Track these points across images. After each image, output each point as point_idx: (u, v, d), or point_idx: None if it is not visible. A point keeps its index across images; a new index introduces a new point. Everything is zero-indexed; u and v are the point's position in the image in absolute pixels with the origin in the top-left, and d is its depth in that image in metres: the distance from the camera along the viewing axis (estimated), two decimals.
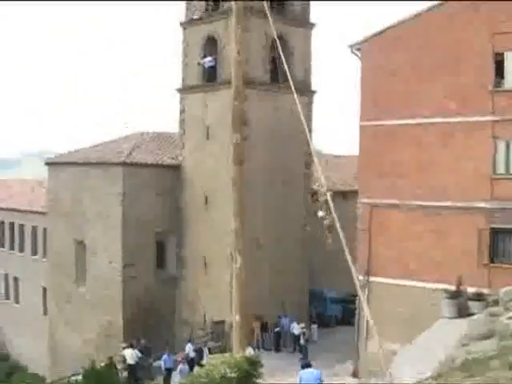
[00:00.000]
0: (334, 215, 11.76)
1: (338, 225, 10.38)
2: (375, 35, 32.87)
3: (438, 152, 30.16)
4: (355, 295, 33.75)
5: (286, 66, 16.62)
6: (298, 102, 13.48)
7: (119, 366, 33.88)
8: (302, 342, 36.77)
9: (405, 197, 30.77)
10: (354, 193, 35.22)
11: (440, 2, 30.86)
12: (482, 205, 28.75)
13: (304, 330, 37.29)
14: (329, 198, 13.13)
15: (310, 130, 42.06)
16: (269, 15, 17.34)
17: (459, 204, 29.35)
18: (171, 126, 45.22)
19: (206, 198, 40.57)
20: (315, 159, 11.42)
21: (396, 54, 32.08)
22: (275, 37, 18.03)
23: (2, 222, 58.29)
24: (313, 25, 42.33)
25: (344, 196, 42.47)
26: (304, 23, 41.78)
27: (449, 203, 29.55)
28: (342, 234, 11.76)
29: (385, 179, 31.29)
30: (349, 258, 11.87)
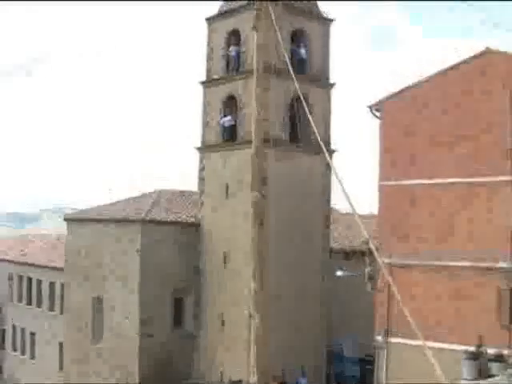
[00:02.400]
0: (380, 262, 11.66)
1: (385, 271, 10.22)
2: (394, 95, 33.17)
3: (457, 212, 30.14)
4: (372, 355, 33.47)
5: (313, 125, 16.61)
6: (330, 160, 13.42)
7: None
8: None
9: (424, 257, 30.65)
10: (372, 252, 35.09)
11: (457, 62, 31.17)
12: (503, 265, 28.59)
13: None
14: (372, 247, 13.10)
15: (330, 189, 42.17)
16: (292, 74, 17.48)
17: (479, 264, 29.20)
18: (191, 184, 45.41)
19: (225, 256, 40.50)
20: (355, 214, 11.38)
21: (415, 114, 32.30)
22: (301, 96, 18.06)
23: (20, 277, 58.39)
24: (332, 84, 42.64)
25: (363, 255, 42.27)
26: (323, 83, 42.12)
27: (469, 263, 29.41)
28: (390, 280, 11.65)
29: (404, 239, 31.24)
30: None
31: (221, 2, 43.16)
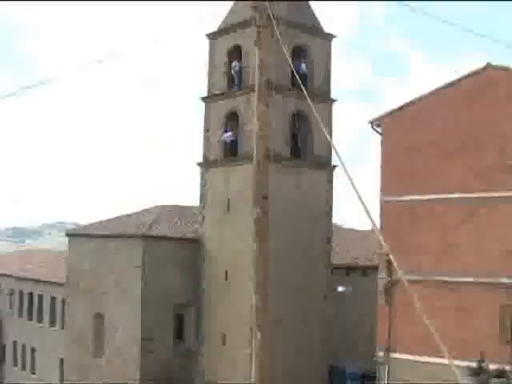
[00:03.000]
0: (401, 275, 11.48)
1: (405, 282, 10.12)
2: (395, 111, 33.19)
3: (460, 228, 30.11)
4: (374, 371, 33.35)
5: (327, 136, 16.67)
6: (346, 171, 13.44)
7: None
8: None
9: (427, 272, 30.59)
10: (375, 268, 35.08)
11: (458, 78, 31.24)
12: (505, 280, 28.55)
13: None
14: (392, 259, 13.01)
15: (331, 205, 42.14)
16: (304, 92, 17.55)
17: (482, 280, 29.15)
18: (192, 199, 45.46)
19: (227, 273, 40.41)
20: (373, 225, 11.28)
21: (417, 130, 32.32)
22: (313, 110, 18.13)
23: (21, 292, 58.32)
24: (333, 100, 42.67)
25: (364, 272, 42.33)
26: (324, 99, 42.14)
27: (471, 279, 29.37)
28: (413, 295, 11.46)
29: (407, 254, 31.15)
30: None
31: (222, 18, 43.24)
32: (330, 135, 42.31)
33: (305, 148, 41.52)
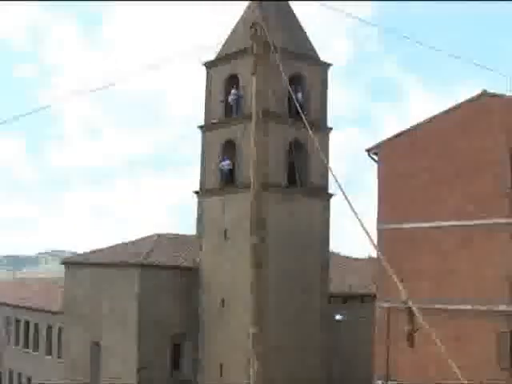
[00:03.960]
0: (423, 323, 11.36)
1: (428, 328, 10.06)
2: (392, 139, 33.36)
3: (457, 255, 30.16)
4: None
5: (328, 167, 16.76)
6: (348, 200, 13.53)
7: None
8: None
9: (424, 300, 30.54)
10: (372, 296, 35.05)
11: (454, 106, 31.43)
12: (502, 308, 28.53)
13: None
14: (411, 305, 12.96)
15: (328, 234, 42.15)
16: (305, 121, 17.67)
17: (479, 307, 29.13)
18: (189, 227, 45.46)
19: (223, 301, 40.26)
20: (388, 270, 11.33)
21: (413, 158, 32.48)
22: (313, 139, 18.25)
23: (18, 320, 58.16)
24: (330, 129, 42.75)
25: (362, 299, 42.26)
26: (321, 127, 42.22)
27: (469, 307, 29.35)
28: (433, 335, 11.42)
29: (404, 283, 31.11)
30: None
31: (219, 47, 43.42)
32: (327, 163, 42.38)
33: (301, 176, 41.57)
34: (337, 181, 12.74)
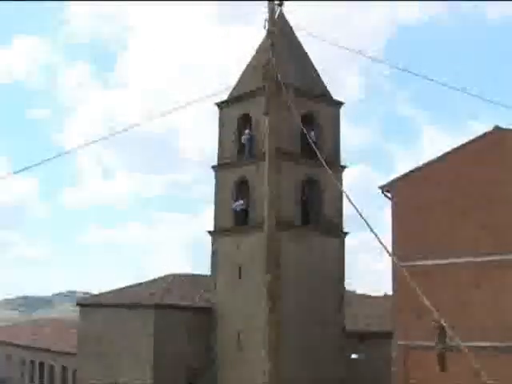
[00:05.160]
0: (460, 343, 11.32)
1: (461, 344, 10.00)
2: (405, 176, 33.39)
3: (474, 290, 29.98)
4: None
5: (351, 202, 16.80)
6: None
7: None
8: None
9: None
10: (388, 333, 34.80)
11: (467, 141, 31.52)
12: None
13: None
14: (444, 324, 12.98)
15: (343, 271, 42.02)
16: (322, 161, 17.77)
17: (498, 344, 28.87)
18: (202, 267, 45.50)
19: (239, 339, 40.13)
20: (426, 302, 11.34)
21: (427, 194, 32.47)
22: (331, 178, 18.33)
23: (32, 362, 58.08)
24: (344, 167, 42.82)
25: (377, 337, 41.93)
26: (335, 165, 42.27)
27: (487, 343, 29.08)
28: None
29: (421, 320, 30.92)
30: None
31: (231, 88, 43.66)
32: (341, 202, 42.35)
33: (315, 214, 41.61)
34: (361, 215, 12.80)
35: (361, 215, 13.26)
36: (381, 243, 9.99)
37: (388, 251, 10.01)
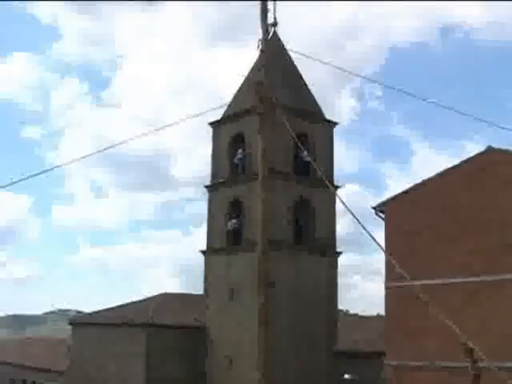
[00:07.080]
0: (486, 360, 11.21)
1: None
2: (398, 196, 33.42)
3: (464, 312, 29.89)
4: None
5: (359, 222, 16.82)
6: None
7: None
8: None
9: (432, 358, 30.27)
10: (379, 353, 34.70)
11: (459, 162, 31.60)
12: (510, 365, 28.19)
13: None
14: (471, 345, 12.92)
15: (335, 292, 41.93)
16: (328, 183, 17.79)
17: (487, 365, 28.77)
18: (194, 286, 45.45)
19: (231, 360, 39.93)
20: (450, 324, 11.35)
21: (419, 215, 32.50)
22: (338, 197, 18.34)
23: (24, 381, 57.67)
24: (337, 187, 42.69)
25: (367, 357, 41.79)
26: (327, 185, 42.21)
27: (480, 363, 28.95)
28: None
29: (411, 340, 30.90)
30: None
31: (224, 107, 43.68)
32: (334, 221, 42.37)
33: (307, 233, 41.58)
34: (365, 229, 12.79)
35: (369, 233, 13.20)
36: (390, 260, 9.92)
37: (397, 267, 9.99)
